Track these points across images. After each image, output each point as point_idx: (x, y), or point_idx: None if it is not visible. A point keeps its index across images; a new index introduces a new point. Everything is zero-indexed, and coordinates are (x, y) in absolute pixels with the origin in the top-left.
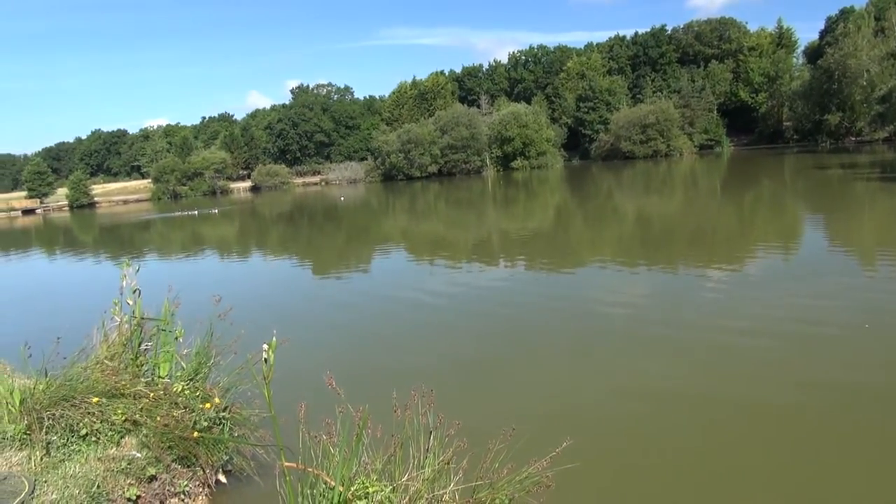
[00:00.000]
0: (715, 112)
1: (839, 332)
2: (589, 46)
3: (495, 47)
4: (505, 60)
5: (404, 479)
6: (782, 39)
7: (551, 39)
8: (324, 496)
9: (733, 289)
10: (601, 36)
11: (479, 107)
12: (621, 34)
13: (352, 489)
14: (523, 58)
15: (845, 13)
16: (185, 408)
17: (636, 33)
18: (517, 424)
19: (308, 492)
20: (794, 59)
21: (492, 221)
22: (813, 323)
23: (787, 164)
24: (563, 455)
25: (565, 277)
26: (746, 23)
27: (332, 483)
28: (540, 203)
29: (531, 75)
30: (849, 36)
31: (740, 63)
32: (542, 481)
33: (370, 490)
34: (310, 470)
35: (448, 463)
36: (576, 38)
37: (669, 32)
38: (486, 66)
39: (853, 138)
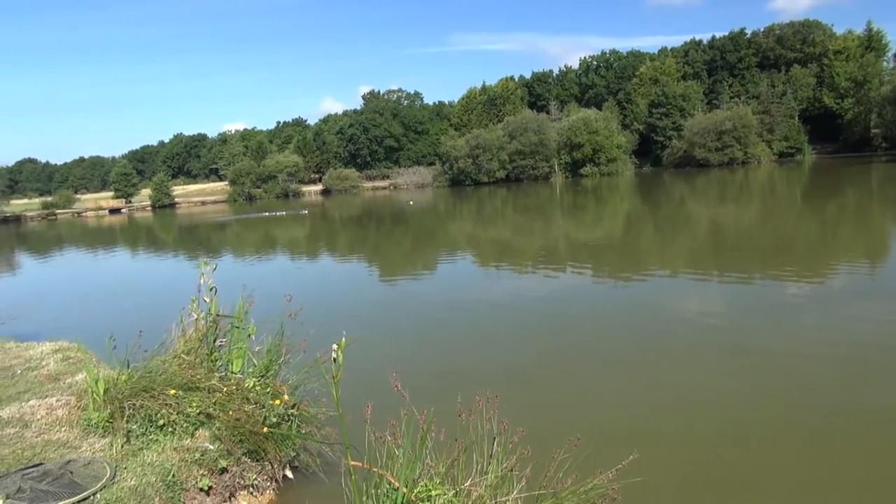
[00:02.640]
0: (796, 118)
1: None
2: (663, 51)
3: (566, 52)
4: (576, 66)
5: (467, 483)
6: (872, 42)
7: (624, 44)
8: (388, 496)
9: (812, 304)
10: (676, 40)
11: (548, 112)
12: (697, 38)
13: (415, 491)
14: (595, 63)
15: None
16: (255, 403)
17: (713, 37)
18: (582, 434)
19: (373, 491)
20: (885, 63)
21: (559, 228)
22: None
23: (874, 173)
24: (630, 467)
25: (635, 287)
26: (832, 25)
27: (397, 484)
28: (609, 210)
29: (602, 80)
30: None
31: (825, 67)
32: (608, 493)
33: (433, 493)
34: (375, 470)
35: (511, 470)
36: (649, 43)
37: (749, 36)
38: (556, 71)
39: None
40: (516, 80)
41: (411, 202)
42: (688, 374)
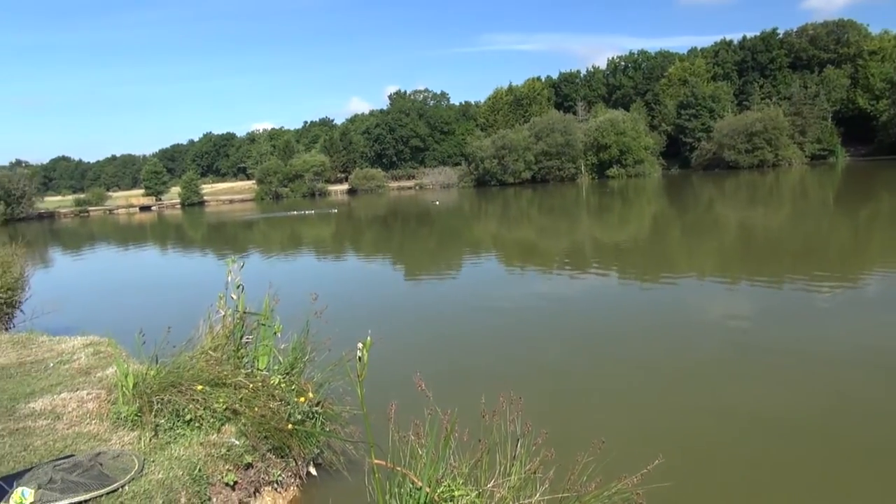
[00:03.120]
0: (829, 120)
1: None
2: (693, 51)
3: (593, 53)
4: (603, 66)
5: (490, 485)
6: None
7: (653, 44)
8: (410, 496)
9: (845, 310)
10: (706, 40)
11: (575, 113)
12: (728, 38)
13: (438, 491)
14: (623, 63)
15: None
16: (280, 400)
17: (744, 37)
18: (607, 438)
19: (396, 490)
20: None
21: (585, 230)
22: None
23: None
24: (655, 473)
25: (661, 290)
26: (868, 25)
27: (420, 483)
28: (635, 212)
29: (630, 81)
30: None
31: (860, 68)
32: (632, 498)
33: (456, 493)
34: (398, 469)
35: (535, 472)
36: (679, 43)
37: (781, 36)
38: (583, 71)
39: None
40: (543, 80)
41: (437, 202)
42: (715, 378)
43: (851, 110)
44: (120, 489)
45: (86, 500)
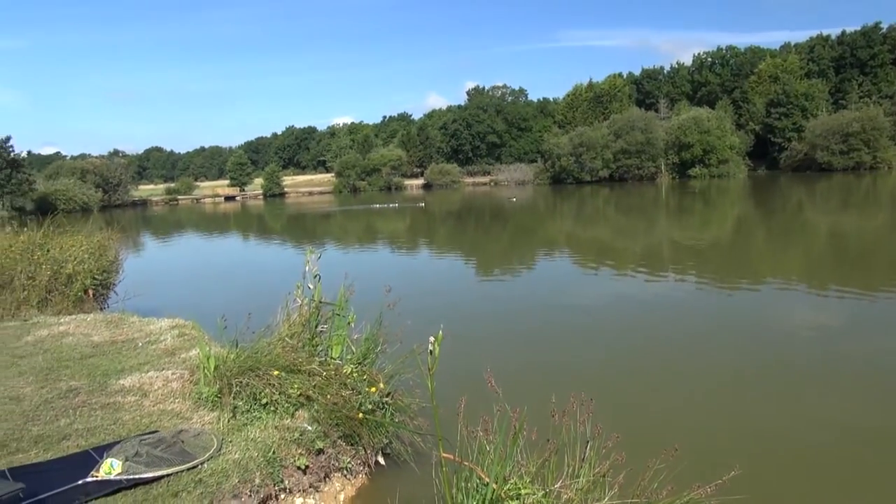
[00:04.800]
0: None
1: None
2: (786, 47)
3: (678, 49)
4: (688, 62)
5: (557, 485)
6: None
7: (742, 40)
8: (477, 491)
9: None
10: (801, 35)
11: (657, 111)
12: (825, 33)
13: (505, 488)
14: (709, 59)
15: None
16: (352, 389)
17: (843, 32)
18: (681, 445)
19: (462, 485)
20: None
21: (663, 231)
22: None
23: None
24: (731, 484)
25: (742, 295)
26: None
27: (487, 479)
28: (718, 214)
29: (717, 78)
30: None
31: None
32: None
33: (523, 492)
34: (465, 464)
35: (604, 476)
36: (771, 39)
37: (885, 31)
38: (667, 68)
39: None
40: (624, 76)
41: (514, 199)
42: (798, 389)
43: None
44: (199, 466)
45: (168, 475)
